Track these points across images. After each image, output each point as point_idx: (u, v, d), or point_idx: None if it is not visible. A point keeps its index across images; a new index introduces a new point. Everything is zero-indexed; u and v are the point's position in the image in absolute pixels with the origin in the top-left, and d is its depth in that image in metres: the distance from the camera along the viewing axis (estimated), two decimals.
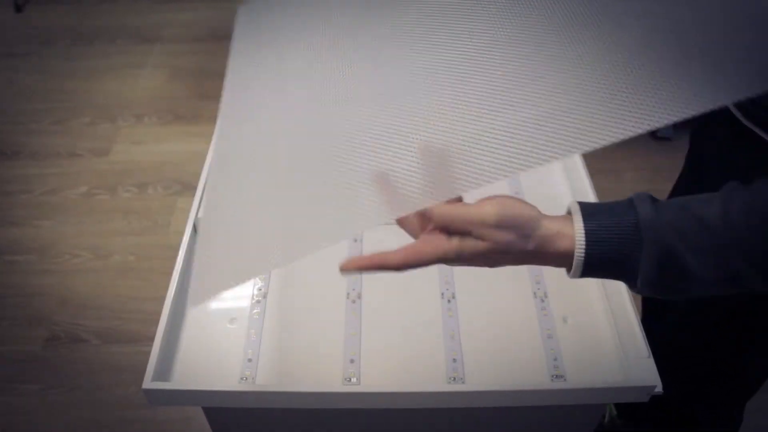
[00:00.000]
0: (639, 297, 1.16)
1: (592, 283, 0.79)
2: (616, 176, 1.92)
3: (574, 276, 0.54)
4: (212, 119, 0.96)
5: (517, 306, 0.77)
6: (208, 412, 0.74)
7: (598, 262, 0.52)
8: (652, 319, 1.07)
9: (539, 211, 0.54)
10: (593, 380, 0.70)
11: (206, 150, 0.91)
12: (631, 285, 0.54)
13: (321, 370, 0.70)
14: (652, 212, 0.51)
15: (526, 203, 0.54)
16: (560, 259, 0.53)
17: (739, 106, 0.74)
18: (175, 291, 0.74)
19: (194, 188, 0.85)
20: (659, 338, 0.98)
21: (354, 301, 0.77)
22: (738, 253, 0.50)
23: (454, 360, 0.71)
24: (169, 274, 0.75)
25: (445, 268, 0.80)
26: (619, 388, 0.68)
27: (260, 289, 0.78)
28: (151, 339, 0.68)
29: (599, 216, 0.53)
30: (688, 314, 0.95)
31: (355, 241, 0.83)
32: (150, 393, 0.66)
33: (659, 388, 0.67)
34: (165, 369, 0.70)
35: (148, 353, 0.68)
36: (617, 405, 1.29)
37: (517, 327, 0.75)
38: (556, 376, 0.70)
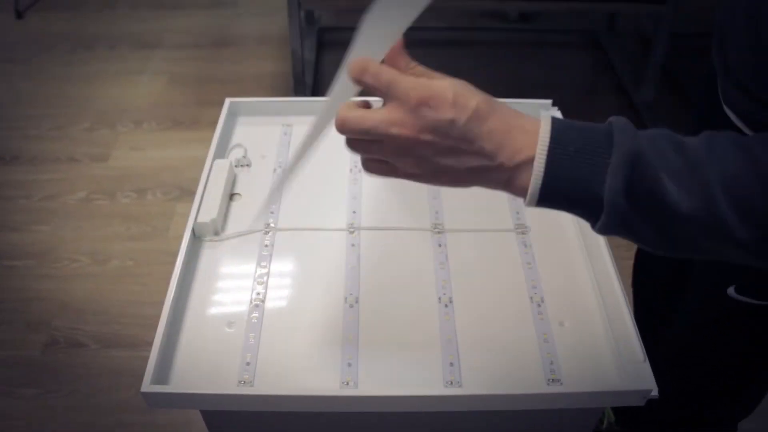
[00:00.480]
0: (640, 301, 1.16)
1: (589, 287, 0.80)
2: None
3: (532, 192, 0.48)
4: (211, 125, 0.97)
5: (513, 310, 0.77)
6: (207, 415, 0.74)
7: (561, 171, 0.47)
8: (657, 322, 1.07)
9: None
10: (589, 384, 0.70)
11: (205, 156, 0.92)
12: (594, 212, 0.48)
13: (319, 374, 0.71)
14: (626, 123, 0.48)
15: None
16: (515, 168, 0.48)
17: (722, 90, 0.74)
18: (174, 295, 0.75)
19: (193, 193, 0.86)
20: (661, 342, 0.98)
21: (351, 306, 0.77)
22: (717, 181, 0.45)
23: (451, 364, 0.72)
24: (168, 278, 0.76)
25: (442, 272, 0.80)
26: (615, 392, 0.68)
27: (258, 294, 0.78)
28: (150, 344, 0.69)
29: (568, 122, 0.48)
30: (696, 323, 0.95)
31: (352, 232, 0.84)
32: (149, 396, 0.66)
33: (655, 392, 0.67)
34: (164, 372, 0.70)
35: (147, 358, 0.68)
36: (615, 411, 1.29)
37: (514, 331, 0.75)
38: (553, 380, 0.71)
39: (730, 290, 0.80)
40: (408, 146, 0.49)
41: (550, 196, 0.48)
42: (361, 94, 0.54)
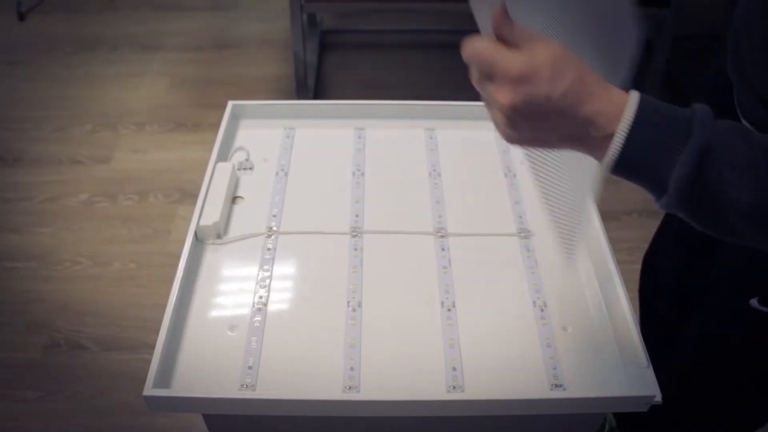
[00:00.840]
0: (639, 307, 1.16)
1: (592, 292, 0.80)
2: (616, 185, 1.93)
3: (606, 163, 0.52)
4: (213, 127, 0.97)
5: (516, 314, 0.77)
6: (209, 419, 0.74)
7: (636, 153, 0.51)
8: (667, 331, 1.06)
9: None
10: (592, 389, 0.70)
11: (207, 158, 0.92)
12: (659, 190, 0.52)
13: (321, 378, 0.71)
14: (707, 114, 0.51)
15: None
16: (600, 138, 0.52)
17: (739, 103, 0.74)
18: (176, 298, 0.75)
19: (194, 196, 0.86)
20: (673, 351, 0.97)
21: (354, 309, 0.77)
22: None
23: (454, 368, 0.71)
24: (169, 281, 0.76)
25: (444, 277, 0.80)
26: (618, 397, 0.68)
27: (261, 297, 0.78)
28: (151, 346, 0.69)
29: (653, 105, 0.52)
30: (713, 333, 0.94)
31: (355, 236, 0.84)
32: (151, 400, 0.66)
33: (659, 398, 0.67)
34: (165, 376, 0.70)
35: (148, 360, 0.68)
36: (616, 416, 1.29)
37: (517, 336, 0.75)
38: (555, 385, 0.71)
39: (753, 301, 0.79)
40: (509, 115, 0.53)
41: (622, 170, 0.53)
42: None
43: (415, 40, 2.59)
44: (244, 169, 0.95)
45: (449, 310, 0.77)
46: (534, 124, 0.54)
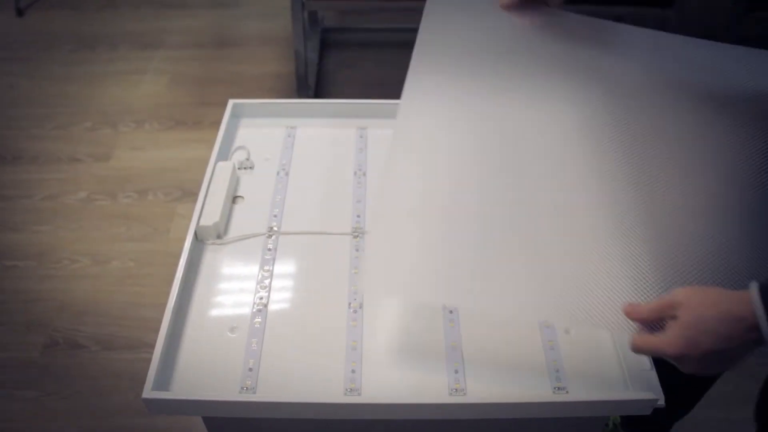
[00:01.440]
0: None
1: None
2: None
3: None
4: (213, 126, 0.96)
5: (518, 317, 0.76)
6: (208, 421, 0.73)
7: None
8: None
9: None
10: (595, 392, 0.70)
11: (207, 156, 0.91)
12: None
13: (322, 380, 0.70)
14: None
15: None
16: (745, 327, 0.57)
17: None
18: (176, 299, 0.74)
19: (195, 195, 0.85)
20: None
21: (355, 311, 0.76)
22: None
23: (456, 371, 0.71)
24: (169, 280, 0.75)
25: None
26: (621, 401, 0.68)
27: (261, 298, 0.77)
28: (150, 345, 0.68)
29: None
30: None
31: (356, 237, 0.83)
32: (150, 402, 0.65)
33: (662, 401, 0.67)
34: (165, 377, 0.69)
35: (147, 360, 0.67)
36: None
37: (519, 338, 0.74)
38: (558, 388, 0.70)
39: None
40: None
41: None
42: None
43: (411, 38, 2.57)
44: (245, 168, 0.95)
45: (451, 312, 0.76)
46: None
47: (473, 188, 0.72)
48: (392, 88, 0.86)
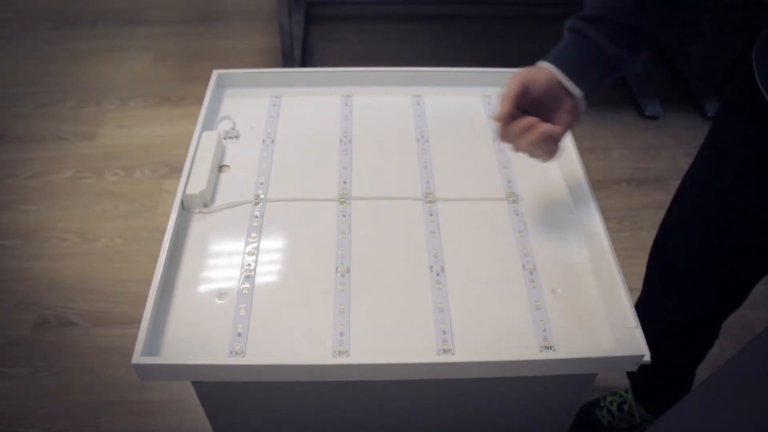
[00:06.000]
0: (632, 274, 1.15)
1: (581, 255, 0.80)
2: (605, 154, 1.92)
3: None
4: (198, 101, 0.95)
5: (505, 278, 0.77)
6: (198, 386, 0.74)
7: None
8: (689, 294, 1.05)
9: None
10: (582, 350, 0.70)
11: (192, 132, 0.91)
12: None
13: (311, 343, 0.70)
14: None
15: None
16: None
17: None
18: (164, 266, 0.74)
19: (181, 170, 0.84)
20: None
21: (343, 275, 0.77)
22: None
23: (444, 332, 0.71)
24: (157, 256, 0.75)
25: (433, 241, 0.80)
26: (607, 357, 0.68)
27: (249, 265, 0.78)
28: (140, 321, 0.68)
29: None
30: None
31: (343, 202, 0.83)
32: (140, 368, 0.65)
33: (647, 358, 0.67)
34: (154, 345, 0.69)
35: (137, 335, 0.67)
36: (635, 393, 1.27)
37: (506, 299, 0.75)
38: (545, 347, 0.71)
39: None
40: None
41: None
42: None
43: (403, 11, 2.56)
44: (230, 137, 0.94)
45: (438, 274, 0.77)
46: None
47: None
48: (378, 61, 0.86)
